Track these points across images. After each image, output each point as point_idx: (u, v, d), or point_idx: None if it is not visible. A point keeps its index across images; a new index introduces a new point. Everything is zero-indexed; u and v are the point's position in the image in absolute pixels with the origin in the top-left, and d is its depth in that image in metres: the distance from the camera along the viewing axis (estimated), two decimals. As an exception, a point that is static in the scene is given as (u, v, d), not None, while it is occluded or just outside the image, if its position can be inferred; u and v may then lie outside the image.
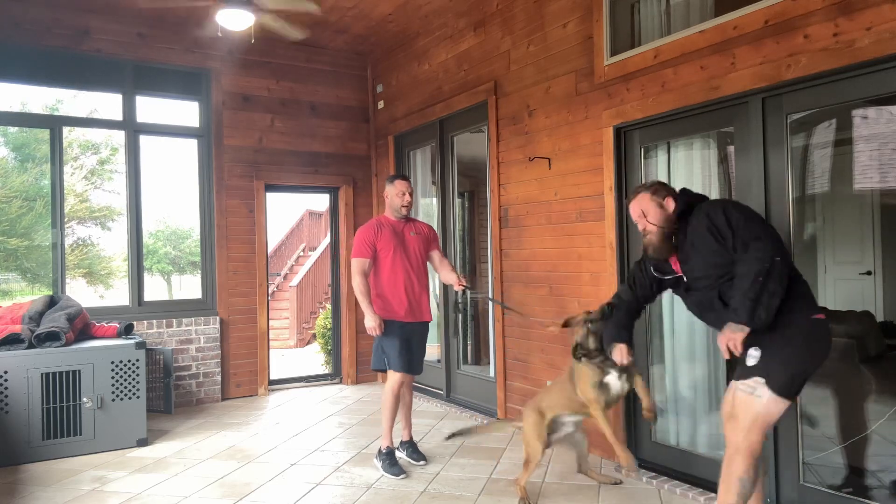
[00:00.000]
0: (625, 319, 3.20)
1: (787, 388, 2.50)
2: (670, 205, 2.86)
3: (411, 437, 4.38)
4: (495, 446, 4.56)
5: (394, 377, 4.15)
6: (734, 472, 2.55)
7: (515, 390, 5.04)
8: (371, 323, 4.04)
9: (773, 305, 2.45)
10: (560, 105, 4.54)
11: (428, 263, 4.38)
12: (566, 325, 3.41)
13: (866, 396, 3.57)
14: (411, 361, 4.20)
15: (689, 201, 2.84)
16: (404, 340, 4.14)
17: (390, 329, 4.11)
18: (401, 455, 4.29)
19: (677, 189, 2.95)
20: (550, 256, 4.66)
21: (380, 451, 4.20)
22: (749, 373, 2.54)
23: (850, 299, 4.46)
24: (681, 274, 2.86)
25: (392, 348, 4.12)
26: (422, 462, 4.23)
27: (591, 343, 3.27)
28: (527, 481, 3.58)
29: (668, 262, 2.91)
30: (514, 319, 4.96)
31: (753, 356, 2.53)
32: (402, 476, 4.01)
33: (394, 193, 4.23)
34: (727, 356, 2.57)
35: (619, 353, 3.15)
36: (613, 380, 3.28)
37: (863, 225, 4.51)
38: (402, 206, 4.21)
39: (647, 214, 2.89)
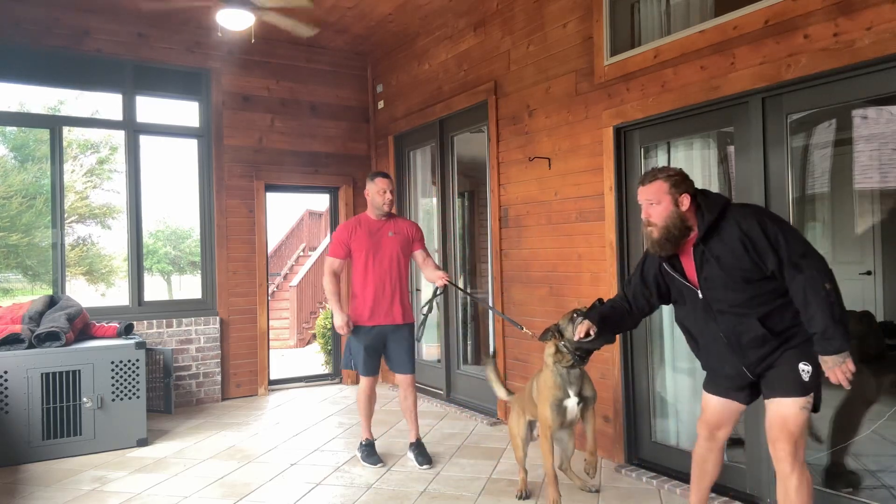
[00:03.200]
0: (605, 309, 2.91)
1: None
2: (685, 203, 2.52)
3: (418, 438, 4.32)
4: (495, 446, 4.56)
5: (362, 381, 4.28)
6: (804, 488, 2.44)
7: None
8: (338, 322, 4.10)
9: (847, 318, 2.33)
10: (560, 105, 4.54)
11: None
12: (543, 337, 3.26)
13: (866, 396, 3.56)
14: (378, 365, 4.28)
15: (717, 215, 2.48)
16: (370, 345, 4.19)
17: (356, 332, 4.19)
18: (410, 456, 4.30)
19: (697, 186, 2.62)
20: (550, 256, 4.66)
21: (360, 443, 4.36)
22: (807, 388, 2.42)
23: (850, 299, 4.45)
24: (696, 286, 2.58)
25: (358, 352, 4.22)
26: (426, 466, 4.17)
27: (571, 332, 3.06)
28: (523, 476, 3.68)
29: (679, 260, 2.60)
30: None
31: (806, 371, 2.41)
32: (378, 465, 4.19)
33: (374, 191, 4.16)
34: (847, 386, 2.35)
35: (582, 327, 2.86)
36: (572, 405, 3.27)
37: (863, 225, 4.50)
38: (384, 204, 4.16)
39: (658, 204, 2.54)
